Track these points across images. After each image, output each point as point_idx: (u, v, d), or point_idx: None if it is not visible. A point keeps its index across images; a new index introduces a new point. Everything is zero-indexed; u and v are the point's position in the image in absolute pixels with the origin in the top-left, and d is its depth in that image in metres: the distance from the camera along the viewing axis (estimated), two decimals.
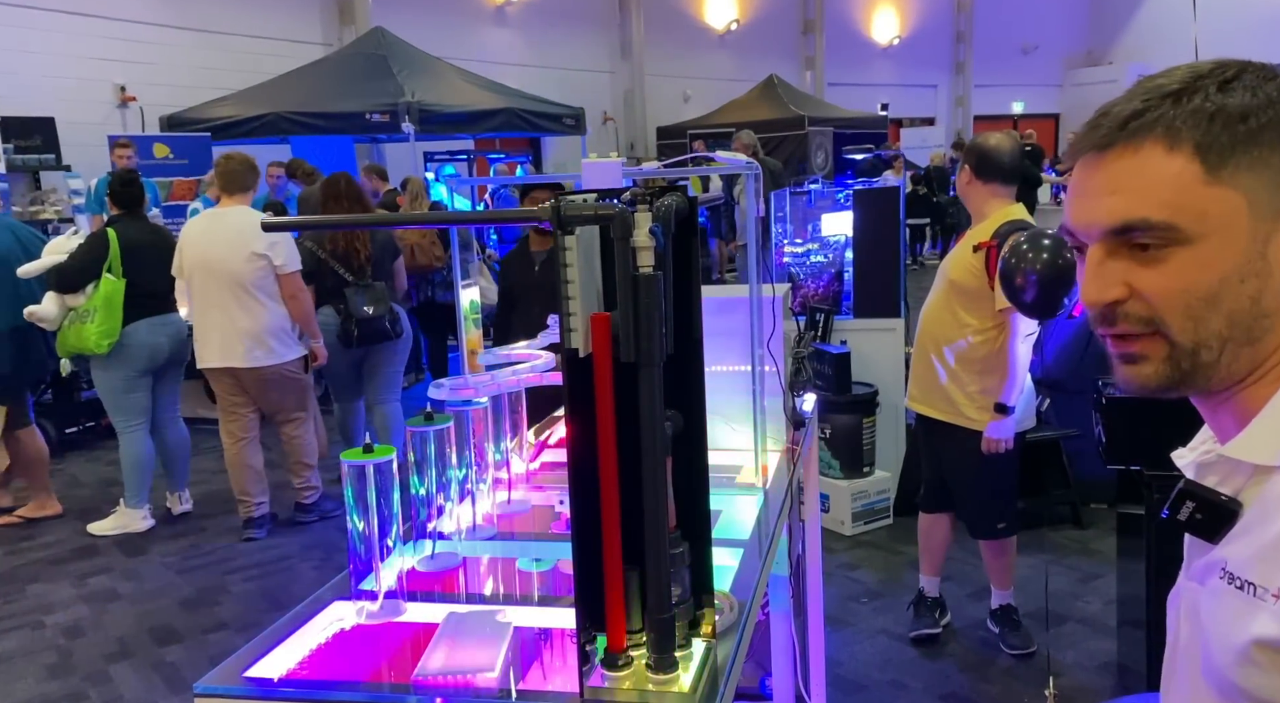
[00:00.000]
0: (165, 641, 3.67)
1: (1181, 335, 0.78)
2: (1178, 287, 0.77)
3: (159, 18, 10.06)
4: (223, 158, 4.58)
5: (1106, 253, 0.80)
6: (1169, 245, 0.77)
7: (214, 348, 4.37)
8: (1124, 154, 0.78)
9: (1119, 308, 0.80)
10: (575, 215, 1.00)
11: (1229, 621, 0.77)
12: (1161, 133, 0.77)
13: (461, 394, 1.51)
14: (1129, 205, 0.77)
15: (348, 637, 1.24)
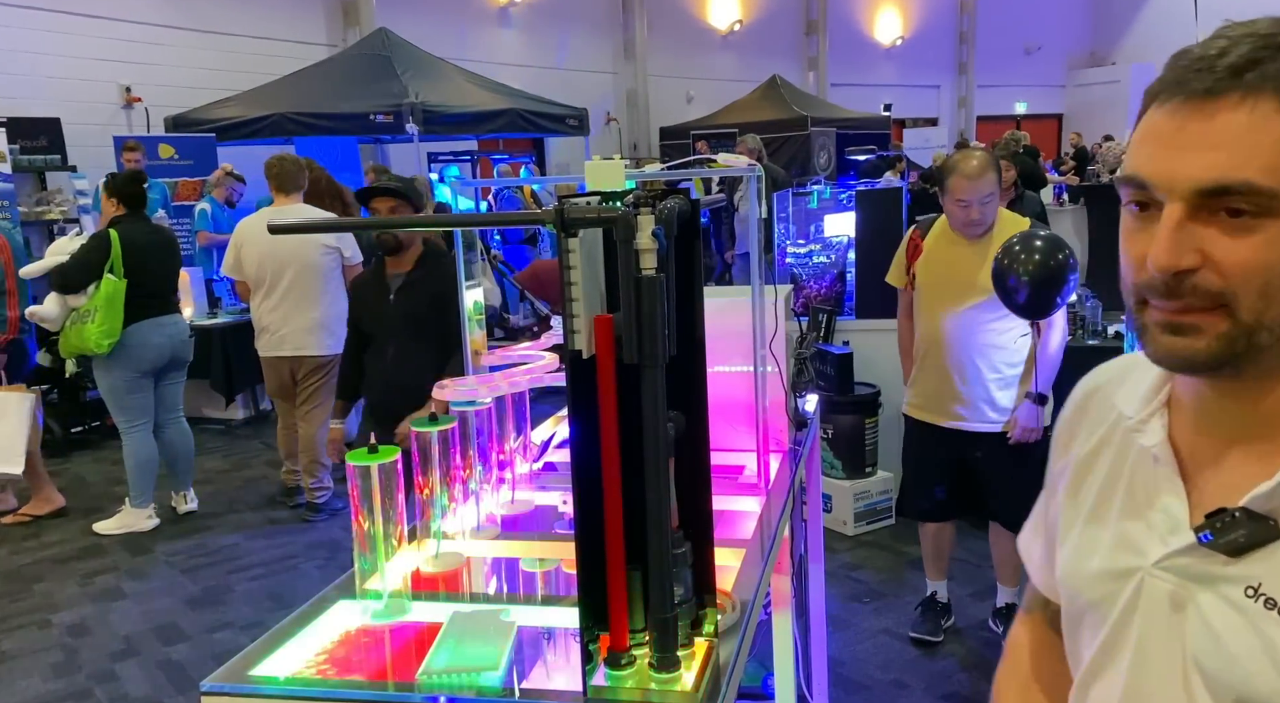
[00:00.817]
0: (171, 639, 3.69)
1: (1249, 314, 0.71)
2: (1262, 262, 0.70)
3: (164, 19, 10.09)
4: (275, 160, 4.80)
5: (1188, 214, 0.72)
6: (1263, 215, 0.70)
7: (285, 337, 4.64)
8: (1234, 105, 0.70)
9: (1188, 279, 0.72)
10: (579, 218, 1.01)
11: (1270, 643, 0.73)
12: (1274, 84, 0.69)
13: (465, 395, 1.52)
14: (1232, 164, 0.69)
15: (353, 636, 1.25)
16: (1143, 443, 0.85)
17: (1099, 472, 0.91)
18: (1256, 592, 0.74)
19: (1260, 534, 0.74)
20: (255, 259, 4.61)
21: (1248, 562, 0.76)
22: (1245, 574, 0.76)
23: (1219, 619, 0.77)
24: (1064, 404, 1.01)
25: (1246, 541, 0.75)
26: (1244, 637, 0.75)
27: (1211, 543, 0.76)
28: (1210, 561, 0.78)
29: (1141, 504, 0.85)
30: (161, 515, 4.93)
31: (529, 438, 1.82)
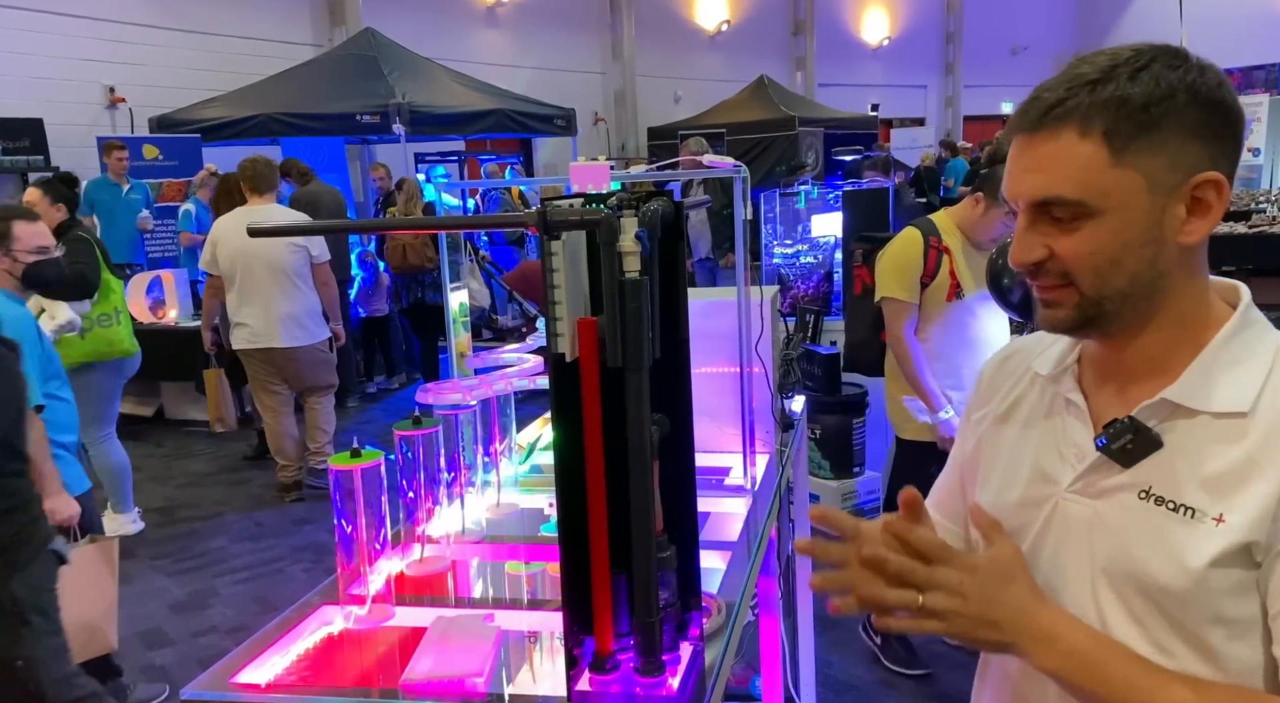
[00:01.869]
0: (155, 644, 3.66)
1: (1090, 289, 0.92)
2: (1087, 250, 0.91)
3: (148, 18, 10.02)
4: (248, 161, 4.98)
5: (1031, 220, 0.93)
6: (1080, 218, 0.90)
7: (256, 331, 4.82)
8: (1047, 137, 0.90)
9: (1041, 266, 0.93)
10: (561, 220, 1.00)
11: (1161, 534, 0.90)
12: (1077, 120, 0.89)
13: (449, 398, 1.51)
14: (1048, 183, 0.90)
15: (336, 641, 1.24)
16: (1060, 391, 1.03)
17: (1017, 420, 1.08)
18: (1148, 493, 0.92)
19: (1145, 444, 0.93)
20: (228, 256, 4.80)
21: (1138, 471, 0.93)
22: (1137, 481, 0.93)
23: (1118, 523, 0.94)
24: (983, 368, 1.18)
25: (1134, 448, 0.93)
26: (1140, 533, 0.92)
27: (1106, 447, 0.94)
28: (1108, 475, 0.96)
29: (1057, 441, 1.02)
30: (149, 520, 4.89)
31: (514, 440, 1.81)
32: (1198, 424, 0.92)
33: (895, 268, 2.96)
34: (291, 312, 4.85)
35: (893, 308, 2.97)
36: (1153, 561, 0.91)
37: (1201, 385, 0.92)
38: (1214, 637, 0.89)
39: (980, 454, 1.11)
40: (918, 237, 2.96)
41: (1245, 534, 0.87)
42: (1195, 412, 0.92)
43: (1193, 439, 0.92)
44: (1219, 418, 0.91)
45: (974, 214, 2.98)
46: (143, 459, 6.10)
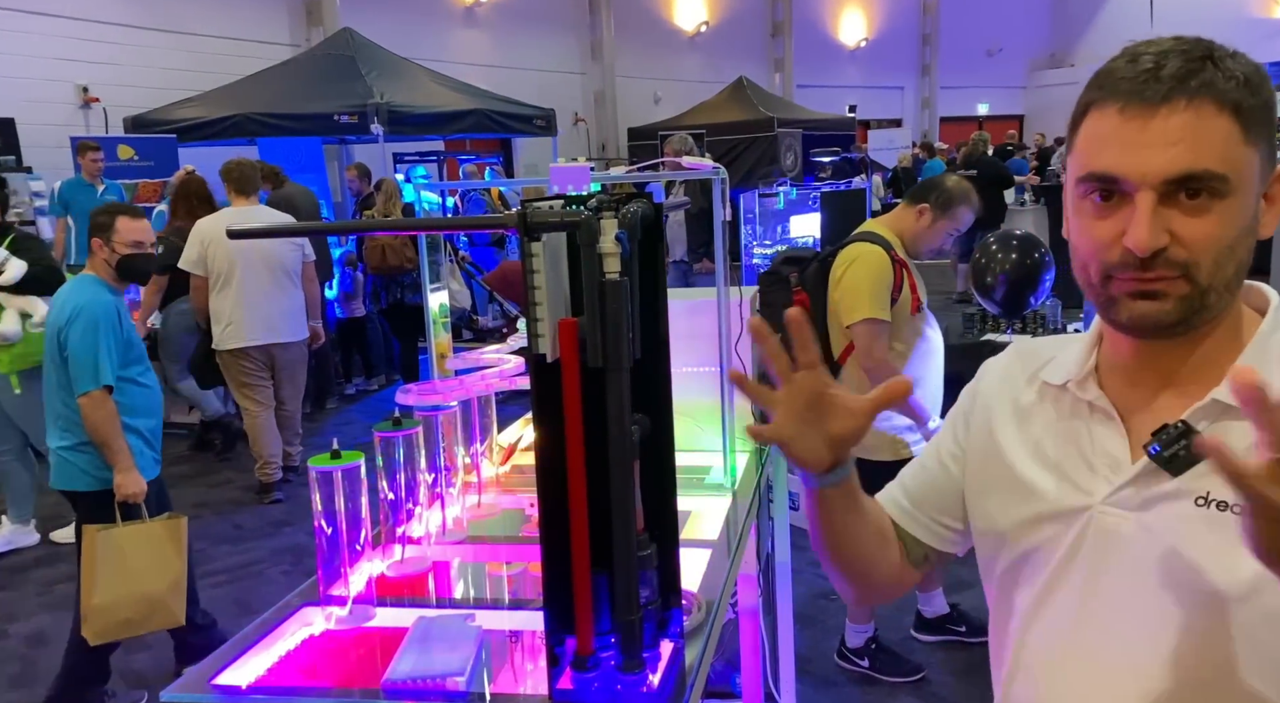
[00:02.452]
0: (132, 648, 3.62)
1: (1205, 278, 0.85)
2: (1215, 235, 0.84)
3: (122, 17, 9.92)
4: (234, 163, 5.14)
5: (1158, 201, 0.84)
6: (1213, 197, 0.83)
7: (257, 327, 4.95)
8: (1182, 109, 0.83)
9: (1160, 254, 0.85)
10: (542, 222, 1.01)
11: (1228, 539, 0.81)
12: (1214, 93, 0.83)
13: (430, 399, 1.51)
14: (1194, 157, 0.82)
15: (316, 643, 1.24)
16: (1084, 398, 0.97)
17: (1030, 432, 1.02)
18: (1207, 500, 0.86)
19: (1196, 449, 0.84)
20: (223, 255, 4.86)
21: (1189, 478, 0.87)
22: (1191, 488, 0.87)
23: (1170, 533, 0.88)
24: (978, 380, 1.12)
25: (1187, 454, 0.87)
26: (1201, 540, 0.86)
27: (1159, 455, 0.88)
28: (1155, 484, 0.89)
29: (1084, 451, 0.96)
30: None
31: (495, 441, 1.81)
32: (1248, 425, 0.84)
33: (872, 288, 2.80)
34: (291, 308, 5.07)
35: (875, 329, 2.81)
36: (1220, 567, 0.85)
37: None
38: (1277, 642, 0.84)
39: (991, 471, 1.04)
40: (883, 253, 2.84)
41: None
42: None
43: (1245, 440, 0.83)
44: None
45: (917, 225, 2.92)
46: None
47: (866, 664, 3.20)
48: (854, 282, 2.83)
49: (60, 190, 7.20)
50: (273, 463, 5.15)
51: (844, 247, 2.93)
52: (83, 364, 2.86)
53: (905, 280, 2.86)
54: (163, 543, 2.95)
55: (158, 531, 2.95)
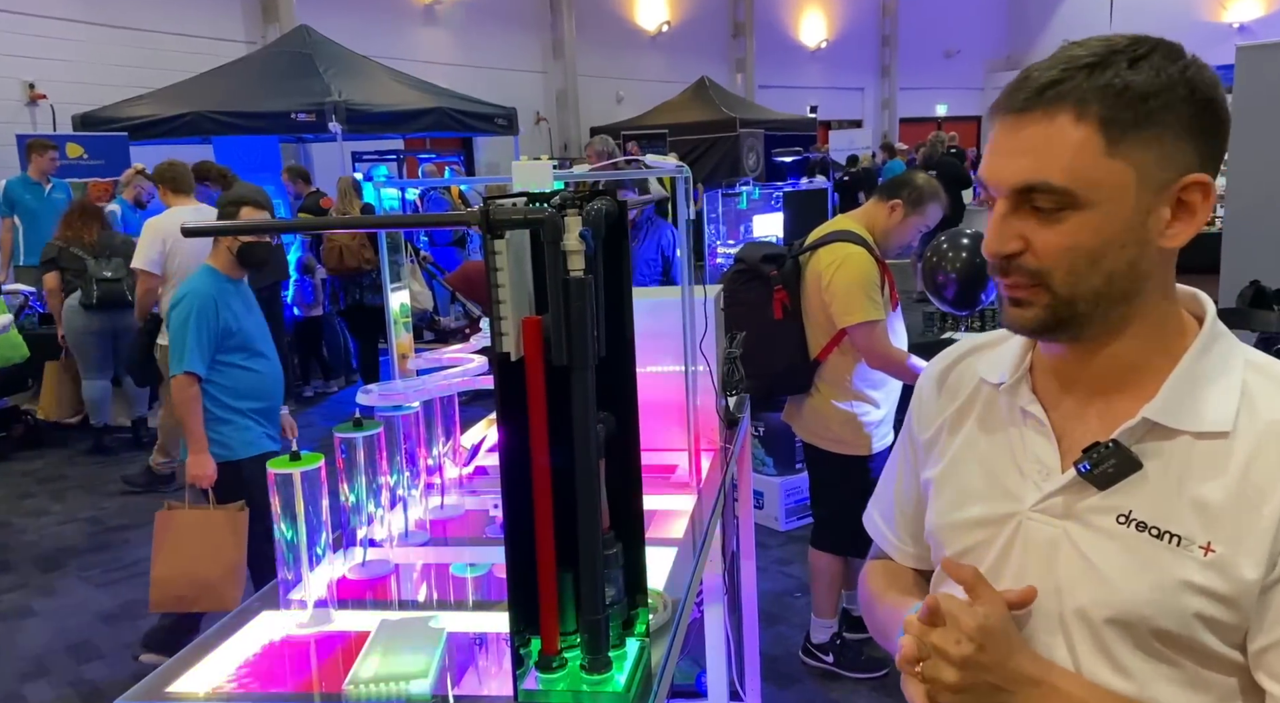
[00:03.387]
0: (85, 657, 3.55)
1: (1062, 287, 0.86)
2: (1066, 245, 0.85)
3: (71, 13, 9.69)
4: (165, 165, 5.20)
5: (1010, 209, 0.87)
6: (1064, 209, 0.84)
7: None
8: (1038, 119, 0.84)
9: (1013, 260, 0.87)
10: (504, 219, 1.00)
11: (1143, 561, 0.86)
12: (1073, 103, 0.83)
13: (391, 399, 1.49)
14: (1035, 168, 0.84)
15: (277, 648, 1.22)
16: (1016, 403, 0.98)
17: (967, 433, 1.03)
18: (1128, 518, 0.88)
19: (1125, 466, 0.88)
20: (189, 253, 4.82)
21: (1114, 494, 0.89)
22: (1114, 505, 0.89)
23: (1092, 548, 0.89)
24: (921, 380, 1.13)
25: (1115, 471, 0.88)
26: (1118, 559, 0.88)
27: (1089, 473, 0.89)
28: (1081, 497, 0.91)
29: (1016, 456, 0.97)
30: (78, 529, 4.74)
31: (459, 442, 1.80)
32: (1178, 445, 0.87)
33: (865, 290, 2.81)
34: None
35: (874, 329, 2.81)
36: (1131, 587, 0.87)
37: (1181, 403, 0.87)
38: (1188, 666, 0.87)
39: (934, 472, 1.06)
40: (867, 253, 2.86)
41: (1238, 569, 0.83)
42: (1175, 432, 0.87)
43: (1174, 461, 0.87)
44: (1200, 438, 0.86)
45: (889, 221, 2.94)
46: (70, 467, 5.90)
47: (831, 660, 3.23)
48: (847, 284, 2.83)
49: (5, 189, 7.01)
50: (172, 455, 5.26)
51: (821, 244, 2.92)
52: (174, 349, 3.07)
53: (885, 278, 2.89)
54: (221, 530, 3.07)
55: (218, 519, 3.07)
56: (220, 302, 3.09)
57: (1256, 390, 0.88)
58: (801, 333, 2.96)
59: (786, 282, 2.95)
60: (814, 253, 2.94)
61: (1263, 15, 17.82)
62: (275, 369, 3.29)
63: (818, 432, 3.05)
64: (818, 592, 3.23)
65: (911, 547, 1.16)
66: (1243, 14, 17.99)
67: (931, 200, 2.96)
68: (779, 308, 2.95)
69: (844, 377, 2.95)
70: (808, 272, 2.95)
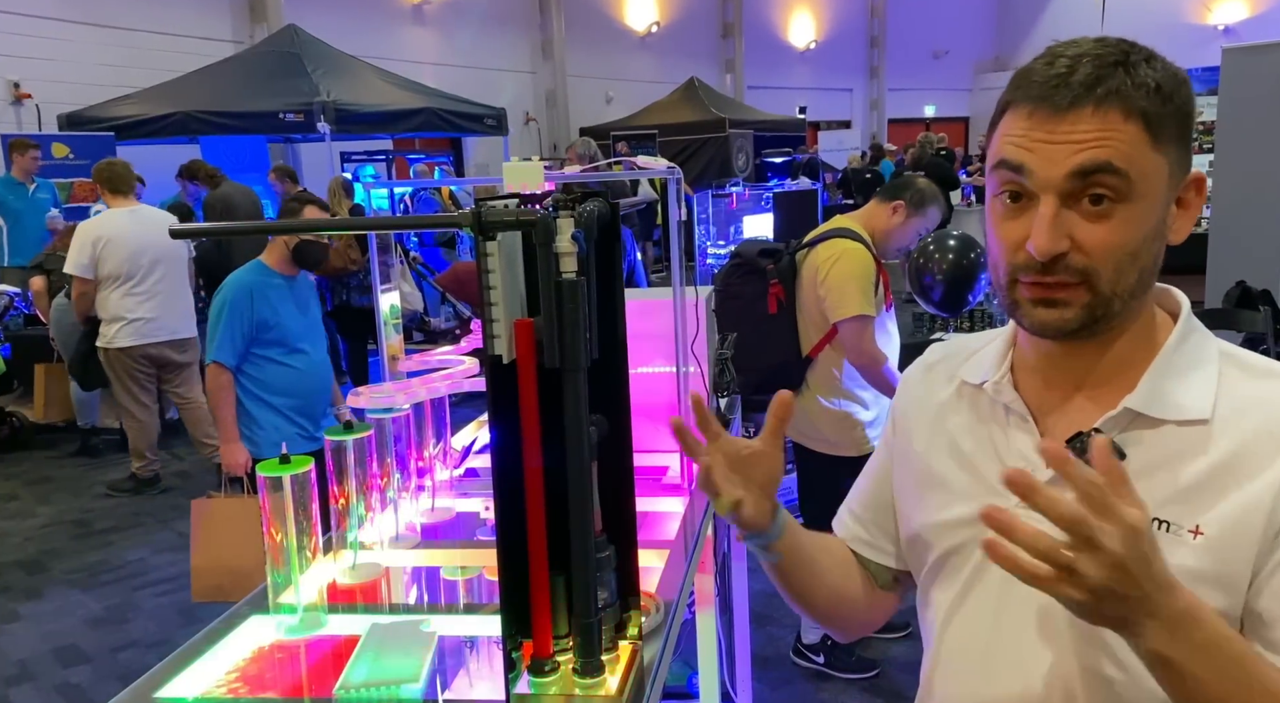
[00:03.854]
0: (71, 661, 3.52)
1: (1106, 286, 0.86)
2: (1116, 242, 0.85)
3: (57, 12, 9.62)
4: (103, 165, 5.17)
5: (1060, 205, 0.85)
6: (1116, 202, 0.84)
7: (162, 324, 5.09)
8: (1088, 115, 0.84)
9: (1061, 259, 0.86)
10: (497, 221, 1.00)
11: None
12: (1121, 100, 0.84)
13: (382, 402, 1.48)
14: (1096, 153, 0.83)
15: (267, 652, 1.21)
16: (999, 400, 0.98)
17: (950, 433, 1.03)
18: None
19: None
20: (124, 255, 4.95)
21: None
22: None
23: None
24: (902, 384, 1.14)
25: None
26: None
27: None
28: (1067, 490, 0.85)
29: (1000, 453, 0.97)
30: (62, 532, 4.70)
31: (449, 444, 1.79)
32: (1160, 433, 0.89)
33: (860, 285, 2.81)
34: (188, 304, 5.29)
35: (864, 325, 2.82)
36: None
37: (1161, 393, 0.89)
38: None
39: (915, 472, 1.07)
40: (865, 250, 2.87)
41: (1228, 549, 0.84)
42: (1158, 421, 0.89)
43: (1157, 450, 0.89)
44: (1182, 426, 0.89)
45: (890, 223, 2.94)
46: (57, 469, 5.86)
47: (822, 661, 3.23)
48: (842, 278, 2.84)
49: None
50: (155, 460, 5.35)
51: (819, 241, 2.93)
52: (209, 338, 3.16)
53: (881, 277, 2.90)
54: (255, 521, 3.11)
55: (252, 508, 3.10)
56: (258, 294, 3.13)
57: (1233, 378, 0.91)
58: (794, 329, 2.97)
59: (782, 276, 2.96)
60: (811, 249, 2.94)
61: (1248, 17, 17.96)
62: (317, 367, 3.30)
63: (806, 432, 3.05)
64: None
65: (870, 535, 1.15)
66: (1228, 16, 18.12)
67: (933, 203, 2.97)
68: (773, 302, 2.95)
69: (834, 375, 2.96)
70: (804, 268, 2.95)
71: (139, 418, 5.18)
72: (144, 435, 5.22)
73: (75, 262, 4.90)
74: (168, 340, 5.14)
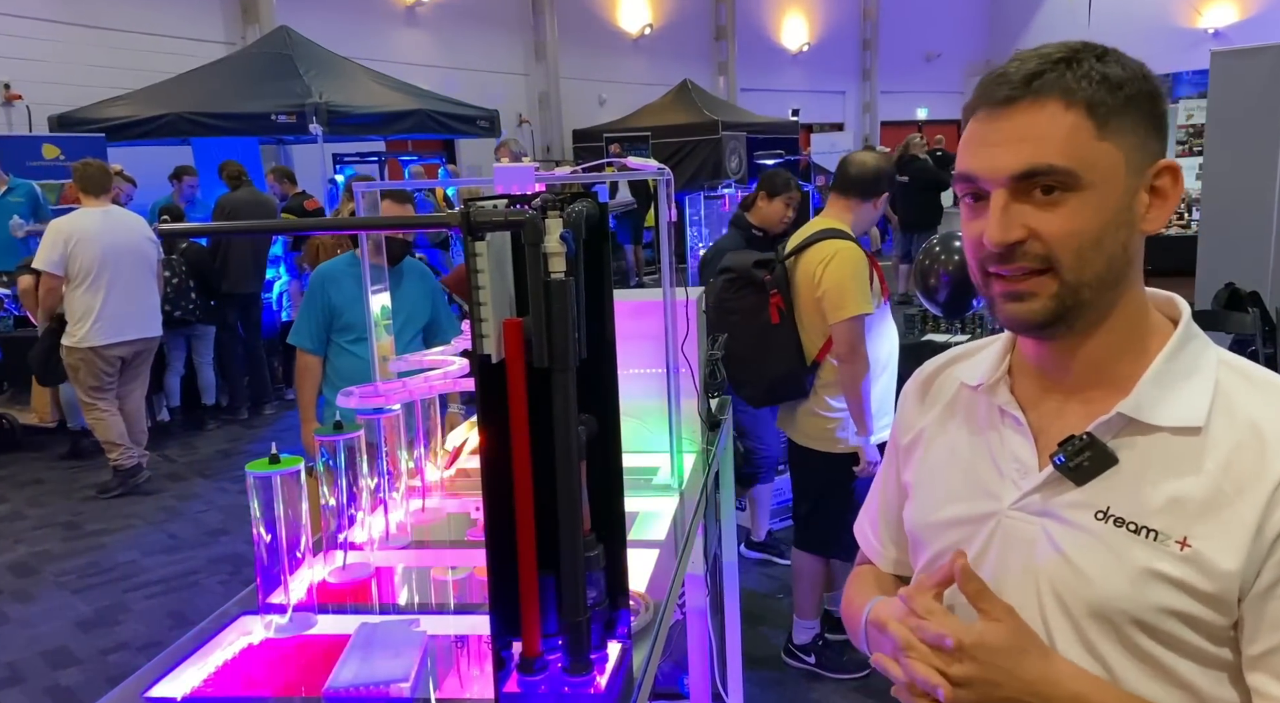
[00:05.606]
0: (60, 664, 3.51)
1: (1070, 273, 0.87)
2: (1072, 228, 0.86)
3: (47, 13, 9.58)
4: (81, 165, 5.28)
5: (1010, 198, 0.87)
6: (1066, 191, 0.86)
7: (125, 323, 5.14)
8: (1028, 109, 0.86)
9: (1019, 248, 0.87)
10: (486, 221, 1.00)
11: (1120, 556, 0.87)
12: (1060, 91, 0.86)
13: (372, 401, 1.48)
14: (1036, 152, 0.85)
15: (256, 652, 1.21)
16: (995, 403, 0.99)
17: (948, 435, 1.05)
18: (1106, 514, 0.89)
19: (1101, 461, 0.89)
20: (95, 255, 5.01)
21: (1091, 490, 0.90)
22: (1092, 501, 0.90)
23: (1071, 544, 0.90)
24: (906, 388, 1.15)
25: (1091, 465, 0.89)
26: (1097, 555, 0.89)
27: (1064, 466, 0.90)
28: (1059, 493, 0.92)
29: (994, 455, 0.98)
30: (52, 534, 4.68)
31: (440, 444, 1.79)
32: (1153, 440, 0.89)
33: (857, 284, 2.82)
34: (155, 303, 5.35)
35: (861, 324, 2.83)
36: (1110, 582, 0.88)
37: (1155, 399, 0.89)
38: (1167, 660, 0.87)
39: (913, 474, 1.08)
40: (857, 248, 2.88)
41: (1215, 563, 0.84)
42: (1151, 427, 0.89)
43: (1149, 456, 0.89)
44: (1175, 434, 0.88)
45: (861, 212, 2.96)
46: (46, 471, 5.84)
47: (813, 661, 3.23)
48: (838, 279, 2.84)
49: None
50: (121, 445, 5.27)
51: (808, 245, 2.92)
52: None
53: (874, 272, 2.90)
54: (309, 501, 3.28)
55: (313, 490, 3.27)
56: (330, 282, 3.21)
57: (1231, 388, 0.90)
58: (797, 337, 2.96)
59: (779, 285, 2.95)
60: (801, 255, 2.94)
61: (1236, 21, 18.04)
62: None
63: (812, 433, 3.04)
64: (800, 593, 3.24)
65: (893, 552, 1.17)
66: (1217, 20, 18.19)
67: (882, 172, 2.97)
68: (774, 312, 2.94)
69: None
70: (798, 274, 2.95)
71: (101, 409, 5.21)
72: (111, 427, 5.24)
73: (45, 258, 4.98)
74: (133, 339, 5.19)
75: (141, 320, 5.24)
